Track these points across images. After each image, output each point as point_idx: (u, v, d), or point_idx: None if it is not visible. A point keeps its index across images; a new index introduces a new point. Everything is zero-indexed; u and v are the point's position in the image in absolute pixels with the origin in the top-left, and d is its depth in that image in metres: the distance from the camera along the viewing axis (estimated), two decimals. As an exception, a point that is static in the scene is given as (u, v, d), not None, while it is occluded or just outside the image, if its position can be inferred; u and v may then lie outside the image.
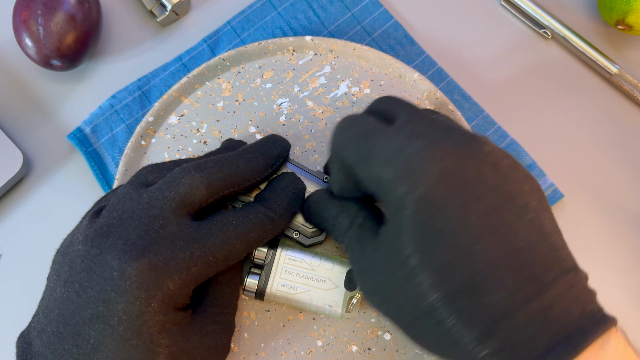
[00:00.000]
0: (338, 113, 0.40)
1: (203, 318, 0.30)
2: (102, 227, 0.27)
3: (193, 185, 0.29)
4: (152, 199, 0.28)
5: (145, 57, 0.44)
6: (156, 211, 0.28)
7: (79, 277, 0.26)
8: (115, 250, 0.26)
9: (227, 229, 0.29)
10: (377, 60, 0.41)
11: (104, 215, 0.28)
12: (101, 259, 0.26)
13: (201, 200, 0.29)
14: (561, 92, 0.44)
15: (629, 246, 0.40)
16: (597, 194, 0.41)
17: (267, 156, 0.33)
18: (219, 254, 0.29)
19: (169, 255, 0.27)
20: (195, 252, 0.28)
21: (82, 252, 0.27)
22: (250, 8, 0.44)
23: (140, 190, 0.29)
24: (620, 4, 0.41)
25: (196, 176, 0.29)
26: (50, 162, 0.42)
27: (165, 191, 0.29)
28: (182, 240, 0.28)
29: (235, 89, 0.40)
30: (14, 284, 0.39)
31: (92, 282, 0.26)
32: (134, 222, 0.27)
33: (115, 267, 0.26)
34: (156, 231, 0.27)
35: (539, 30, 0.45)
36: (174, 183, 0.29)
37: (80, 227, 0.29)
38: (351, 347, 0.35)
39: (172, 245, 0.27)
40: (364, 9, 0.44)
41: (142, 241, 0.27)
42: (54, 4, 0.39)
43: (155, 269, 0.26)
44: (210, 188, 0.29)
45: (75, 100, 0.43)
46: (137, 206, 0.28)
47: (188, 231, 0.28)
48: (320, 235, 0.36)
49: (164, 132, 0.39)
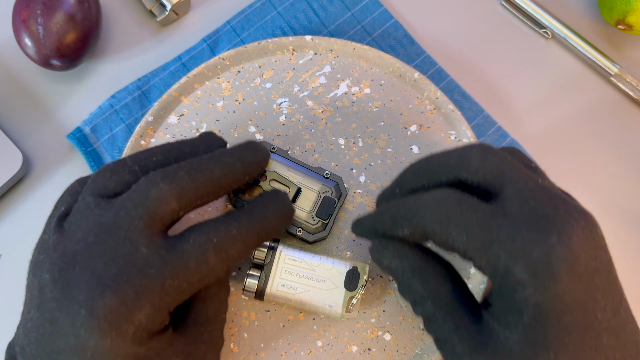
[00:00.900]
0: (338, 113, 0.40)
1: (185, 338, 0.28)
2: (66, 255, 0.26)
3: (162, 199, 0.26)
4: (118, 218, 0.26)
5: (145, 57, 0.44)
6: (123, 233, 0.26)
7: (49, 306, 0.25)
8: (81, 284, 0.25)
9: (204, 248, 0.26)
10: (377, 60, 0.41)
11: (67, 234, 0.26)
12: (68, 292, 0.25)
13: (172, 214, 0.27)
14: (561, 92, 0.44)
15: (629, 246, 0.40)
16: (597, 194, 0.41)
17: (246, 163, 0.29)
18: (194, 277, 0.26)
19: (139, 287, 0.25)
20: (168, 280, 0.25)
21: (49, 281, 0.25)
22: (250, 8, 0.44)
23: (103, 204, 0.27)
24: (621, 3, 0.41)
25: (165, 188, 0.26)
26: (50, 162, 0.42)
27: (131, 208, 0.26)
28: (153, 267, 0.25)
29: (235, 89, 0.40)
30: (14, 284, 0.39)
31: (62, 314, 0.25)
32: (100, 248, 0.25)
33: (82, 303, 0.24)
34: (124, 258, 0.25)
35: (539, 30, 0.45)
36: (140, 198, 0.26)
37: (46, 242, 0.27)
38: (351, 347, 0.35)
39: (142, 274, 0.25)
40: (364, 8, 0.44)
41: (110, 271, 0.25)
42: (53, 4, 0.39)
43: (125, 303, 0.24)
44: (182, 200, 0.27)
45: (75, 100, 0.43)
46: (102, 228, 0.26)
47: (159, 254, 0.26)
48: (324, 231, 0.36)
49: (164, 131, 0.39)
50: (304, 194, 0.36)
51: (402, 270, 0.28)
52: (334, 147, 0.39)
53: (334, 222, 0.36)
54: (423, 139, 0.39)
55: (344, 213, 0.38)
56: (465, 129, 0.39)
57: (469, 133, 0.39)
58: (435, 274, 0.28)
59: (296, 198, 0.36)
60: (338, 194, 0.36)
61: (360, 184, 0.38)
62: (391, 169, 0.39)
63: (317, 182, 0.36)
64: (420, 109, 0.40)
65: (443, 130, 0.40)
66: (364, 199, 0.38)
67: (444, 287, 0.27)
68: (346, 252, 0.37)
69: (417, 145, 0.39)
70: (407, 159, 0.39)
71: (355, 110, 0.40)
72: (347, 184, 0.38)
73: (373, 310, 0.36)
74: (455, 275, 0.28)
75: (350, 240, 0.37)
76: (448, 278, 0.28)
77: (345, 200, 0.37)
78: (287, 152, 0.37)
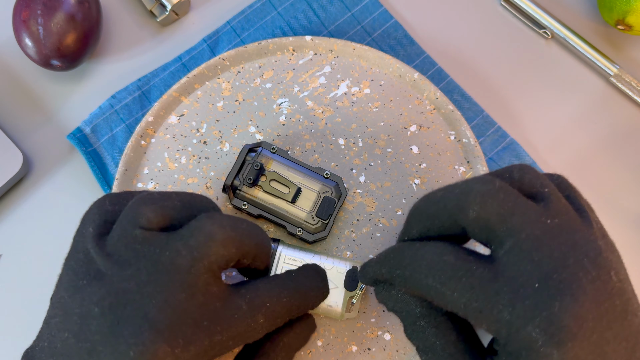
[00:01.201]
0: (338, 113, 0.40)
1: None
2: (117, 291, 0.25)
3: (227, 241, 0.25)
4: (178, 258, 0.25)
5: (145, 57, 0.44)
6: (180, 276, 0.24)
7: (93, 338, 0.24)
8: (132, 326, 0.24)
9: (257, 311, 0.26)
10: (377, 60, 0.41)
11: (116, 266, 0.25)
12: (117, 331, 0.24)
13: (229, 262, 0.26)
14: (561, 92, 0.44)
15: (629, 246, 0.40)
16: (597, 194, 0.41)
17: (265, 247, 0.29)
18: (239, 338, 0.26)
19: (189, 337, 0.24)
20: (217, 335, 0.25)
21: (98, 314, 0.25)
22: (250, 8, 0.44)
23: (154, 241, 0.25)
24: (620, 4, 0.41)
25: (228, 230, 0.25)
26: (50, 162, 0.42)
27: (194, 248, 0.25)
28: (206, 319, 0.25)
29: (235, 89, 0.40)
30: (14, 284, 0.39)
31: (105, 349, 0.24)
32: (155, 288, 0.24)
33: (132, 345, 0.23)
34: (180, 303, 0.24)
35: (539, 30, 0.45)
36: (205, 238, 0.25)
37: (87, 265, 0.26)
38: (351, 347, 0.35)
39: (194, 325, 0.24)
40: (364, 9, 0.44)
41: (163, 317, 0.24)
42: (53, 4, 0.39)
43: (173, 352, 0.24)
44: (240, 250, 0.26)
45: (75, 100, 0.43)
46: (157, 267, 0.25)
47: (214, 306, 0.25)
48: (324, 231, 0.36)
49: (164, 132, 0.39)
50: (304, 194, 0.36)
51: (406, 314, 0.28)
52: (334, 147, 0.39)
53: (334, 222, 0.36)
54: (423, 139, 0.40)
55: (344, 213, 0.38)
56: (465, 129, 0.39)
57: (468, 133, 0.39)
58: (439, 320, 0.27)
59: (296, 198, 0.36)
60: (338, 194, 0.36)
61: (360, 184, 0.38)
62: (391, 169, 0.39)
63: (317, 182, 0.36)
64: (420, 109, 0.40)
65: (443, 131, 0.40)
66: (364, 199, 0.38)
67: (449, 333, 0.26)
68: (346, 252, 0.37)
69: (417, 145, 0.39)
70: (407, 159, 0.39)
71: (355, 110, 0.40)
72: (347, 184, 0.38)
73: (373, 310, 0.36)
74: (459, 319, 0.27)
75: (350, 240, 0.37)
76: (453, 323, 0.27)
77: (345, 200, 0.37)
78: (287, 152, 0.37)
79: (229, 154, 0.39)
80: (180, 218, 0.27)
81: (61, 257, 0.28)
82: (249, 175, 0.36)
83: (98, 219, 0.27)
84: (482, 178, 0.25)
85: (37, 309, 0.38)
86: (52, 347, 0.26)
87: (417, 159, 0.39)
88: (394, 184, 0.39)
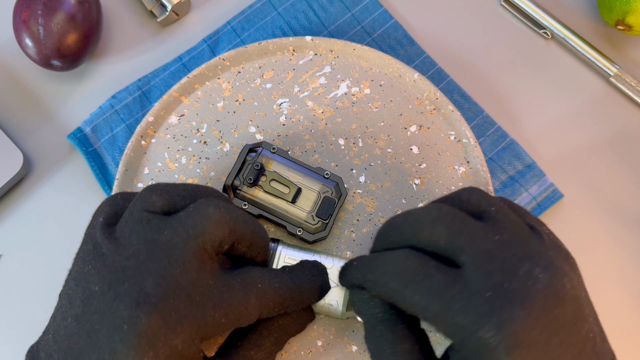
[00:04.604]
0: (338, 113, 0.40)
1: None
2: (117, 269, 0.26)
3: (221, 222, 0.27)
4: (175, 236, 0.26)
5: (145, 57, 0.44)
6: (176, 253, 0.26)
7: (91, 318, 0.25)
8: (128, 299, 0.25)
9: (248, 290, 0.27)
10: (377, 61, 0.41)
11: (119, 247, 0.27)
12: (114, 306, 0.25)
13: (222, 243, 0.27)
14: (561, 92, 0.44)
15: (629, 246, 0.40)
16: (597, 193, 0.41)
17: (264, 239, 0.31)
18: (232, 315, 0.27)
19: (182, 311, 0.25)
20: (209, 311, 0.26)
21: (98, 293, 0.26)
22: (250, 8, 0.44)
23: (156, 221, 0.27)
24: (620, 4, 0.41)
25: (224, 211, 0.27)
26: (50, 162, 0.42)
27: (190, 227, 0.26)
28: (199, 294, 0.26)
29: (235, 89, 0.40)
30: (14, 284, 0.39)
31: (102, 327, 0.25)
32: (152, 265, 0.26)
33: (126, 318, 0.24)
34: (174, 279, 0.25)
35: (539, 30, 0.45)
36: (201, 217, 0.26)
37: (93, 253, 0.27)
38: (351, 347, 0.35)
39: (187, 300, 0.25)
40: (364, 9, 0.44)
41: (158, 291, 0.25)
42: (54, 4, 0.39)
43: (166, 325, 0.25)
44: (234, 232, 0.27)
45: (75, 100, 0.43)
46: (155, 245, 0.26)
47: (207, 283, 0.26)
48: (324, 231, 0.36)
49: (164, 132, 0.39)
50: (304, 194, 0.36)
51: (369, 317, 0.29)
52: (334, 147, 0.39)
53: (334, 222, 0.36)
54: (423, 140, 0.40)
55: (344, 213, 0.38)
56: (465, 129, 0.39)
57: (468, 133, 0.39)
58: (397, 328, 0.28)
59: (296, 198, 0.36)
60: (338, 194, 0.36)
61: (360, 184, 0.38)
62: (391, 169, 0.39)
63: (317, 182, 0.36)
64: (420, 110, 0.40)
65: (443, 131, 0.40)
66: (363, 199, 0.38)
67: (403, 341, 0.28)
68: (346, 252, 0.37)
69: (417, 145, 0.39)
70: (406, 159, 0.39)
71: (355, 110, 0.40)
72: (347, 184, 0.38)
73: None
74: (418, 330, 0.29)
75: (350, 240, 0.37)
76: (410, 333, 0.28)
77: (345, 200, 0.37)
78: (287, 152, 0.37)
79: (229, 154, 0.39)
80: (185, 204, 0.28)
81: (61, 256, 0.29)
82: (249, 175, 0.36)
83: (109, 210, 0.29)
84: (433, 205, 0.27)
85: (37, 308, 0.38)
86: (56, 336, 0.26)
87: (417, 159, 0.39)
88: (394, 184, 0.39)
